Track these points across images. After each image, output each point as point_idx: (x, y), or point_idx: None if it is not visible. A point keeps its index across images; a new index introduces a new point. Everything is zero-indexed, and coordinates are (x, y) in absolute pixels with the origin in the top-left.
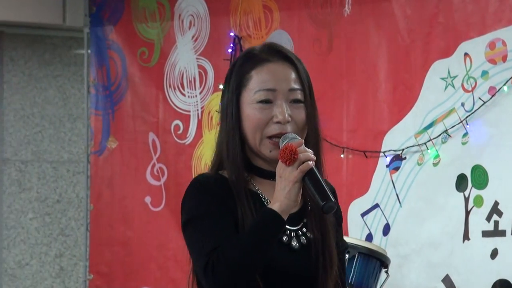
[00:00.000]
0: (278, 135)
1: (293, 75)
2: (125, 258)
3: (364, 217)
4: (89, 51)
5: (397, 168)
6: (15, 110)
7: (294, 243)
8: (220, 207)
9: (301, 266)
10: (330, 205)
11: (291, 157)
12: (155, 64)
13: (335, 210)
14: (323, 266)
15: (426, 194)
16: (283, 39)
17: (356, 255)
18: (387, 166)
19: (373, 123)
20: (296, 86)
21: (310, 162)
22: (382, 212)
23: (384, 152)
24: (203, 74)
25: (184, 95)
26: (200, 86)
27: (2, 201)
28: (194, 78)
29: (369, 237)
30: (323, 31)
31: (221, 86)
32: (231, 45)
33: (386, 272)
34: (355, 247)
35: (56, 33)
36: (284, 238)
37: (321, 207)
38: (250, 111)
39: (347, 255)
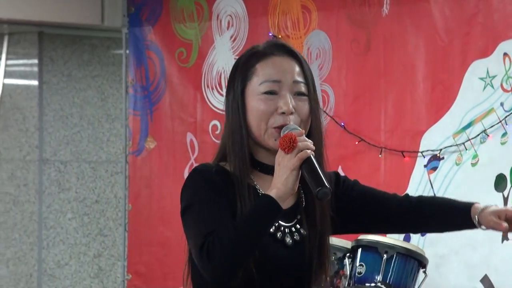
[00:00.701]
0: (283, 126)
1: (297, 68)
2: (163, 258)
3: None
4: (127, 51)
5: (435, 168)
6: (55, 110)
7: (288, 239)
8: (218, 195)
9: (294, 262)
10: (325, 191)
11: (290, 145)
12: (193, 64)
13: (329, 196)
14: (316, 262)
15: (465, 194)
16: (321, 39)
17: (394, 255)
18: (425, 166)
19: (411, 123)
20: (300, 79)
21: (309, 151)
22: None
23: (422, 152)
24: None
25: (222, 95)
26: None
27: (41, 201)
28: None
29: (407, 237)
30: (361, 31)
31: None
32: None
33: (424, 272)
34: (393, 247)
35: (94, 34)
36: (278, 235)
37: (315, 193)
38: (255, 103)
39: (385, 255)
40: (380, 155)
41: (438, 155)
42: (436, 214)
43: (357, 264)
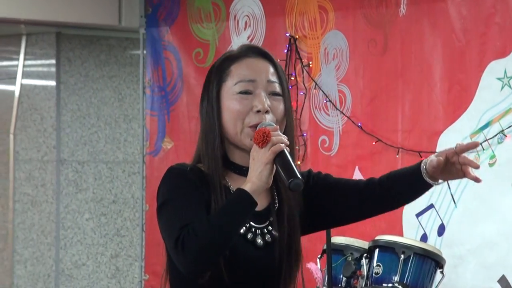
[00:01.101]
0: (258, 124)
1: (271, 69)
2: None
3: (419, 218)
4: (144, 51)
5: None
6: (72, 111)
7: (259, 240)
8: (193, 190)
9: (265, 262)
10: (296, 182)
11: (264, 139)
12: (210, 65)
13: (302, 187)
14: (286, 263)
15: (482, 194)
16: (338, 40)
17: (412, 255)
18: None
19: (428, 124)
20: (274, 79)
21: (282, 145)
22: (437, 212)
23: None
24: None
25: None
26: None
27: (59, 201)
28: None
29: (424, 238)
30: (378, 31)
31: None
32: (287, 45)
33: (441, 272)
34: (410, 247)
35: (112, 34)
36: (249, 236)
37: (288, 184)
38: (231, 103)
39: (402, 256)
40: (397, 156)
41: None
42: (399, 184)
43: (374, 264)
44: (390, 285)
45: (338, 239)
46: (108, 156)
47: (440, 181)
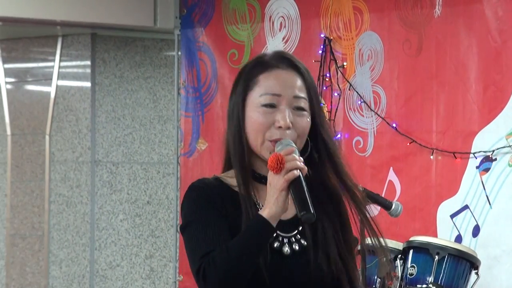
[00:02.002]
0: (279, 140)
1: (299, 83)
2: None
3: (454, 219)
4: (179, 53)
5: (487, 170)
6: (107, 112)
7: (286, 249)
8: (214, 212)
9: (293, 271)
10: (308, 217)
11: (277, 166)
12: None
13: (313, 221)
14: (322, 272)
15: None
16: (373, 41)
17: (446, 256)
18: (477, 167)
19: (463, 124)
20: (301, 94)
21: (296, 171)
22: (472, 213)
23: (474, 153)
24: None
25: None
26: None
27: (94, 202)
28: None
29: (459, 239)
30: (413, 32)
31: None
32: (321, 46)
33: (476, 273)
34: (445, 248)
35: (147, 35)
36: (275, 245)
37: (300, 217)
38: (254, 114)
39: (436, 257)
40: (431, 156)
41: (490, 156)
42: None
43: (409, 265)
44: (424, 286)
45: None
46: (143, 157)
47: None
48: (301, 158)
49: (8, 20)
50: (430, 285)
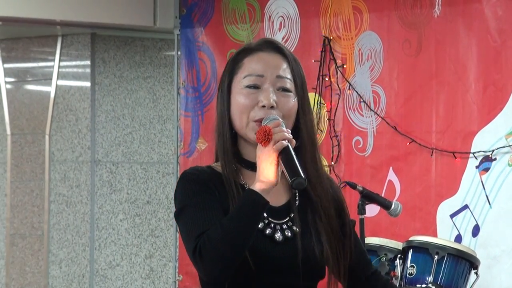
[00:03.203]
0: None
1: (283, 65)
2: None
3: (453, 218)
4: (179, 52)
5: (487, 169)
6: (106, 111)
7: (278, 235)
8: (207, 195)
9: (285, 257)
10: (299, 181)
11: (265, 137)
12: None
13: (304, 186)
14: (315, 258)
15: None
16: (373, 40)
17: (446, 256)
18: (477, 167)
19: (462, 124)
20: (285, 74)
21: (285, 141)
22: (472, 213)
23: (473, 153)
24: None
25: None
26: None
27: (93, 202)
28: None
29: (458, 238)
30: (412, 32)
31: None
32: (321, 46)
33: (476, 273)
34: (444, 248)
35: (147, 35)
36: (267, 231)
37: (290, 183)
38: (238, 97)
39: (436, 256)
40: (431, 156)
41: (490, 156)
42: None
43: (408, 265)
44: (424, 285)
45: (372, 240)
46: (143, 157)
47: None
48: (289, 130)
49: (8, 20)
50: (430, 285)
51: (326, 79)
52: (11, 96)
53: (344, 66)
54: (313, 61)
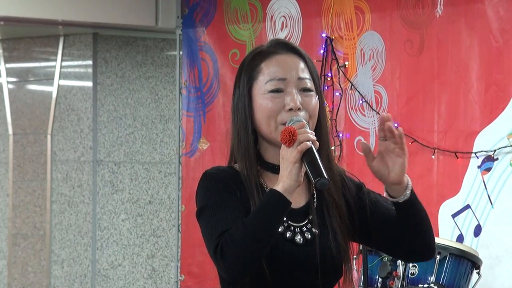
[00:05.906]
0: None
1: (301, 65)
2: None
3: (455, 218)
4: (181, 52)
5: (488, 169)
6: (108, 111)
7: (298, 238)
8: (228, 194)
9: (305, 259)
10: (323, 182)
11: (290, 138)
12: None
13: (328, 186)
14: (333, 260)
15: None
16: (375, 40)
17: (448, 256)
18: (479, 167)
19: (464, 124)
20: (305, 75)
21: (309, 142)
22: (474, 213)
23: (475, 153)
24: None
25: None
26: None
27: (95, 202)
28: None
29: (460, 238)
30: (414, 32)
31: None
32: (323, 46)
33: (478, 273)
34: (446, 248)
35: (148, 35)
36: (287, 234)
37: (314, 184)
38: (263, 101)
39: (438, 256)
40: (433, 156)
41: (492, 156)
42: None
43: (410, 265)
44: (426, 285)
45: None
46: (144, 157)
47: (401, 196)
48: (313, 132)
49: (10, 20)
50: (432, 285)
51: (328, 79)
52: (13, 96)
53: (346, 66)
54: (315, 61)
